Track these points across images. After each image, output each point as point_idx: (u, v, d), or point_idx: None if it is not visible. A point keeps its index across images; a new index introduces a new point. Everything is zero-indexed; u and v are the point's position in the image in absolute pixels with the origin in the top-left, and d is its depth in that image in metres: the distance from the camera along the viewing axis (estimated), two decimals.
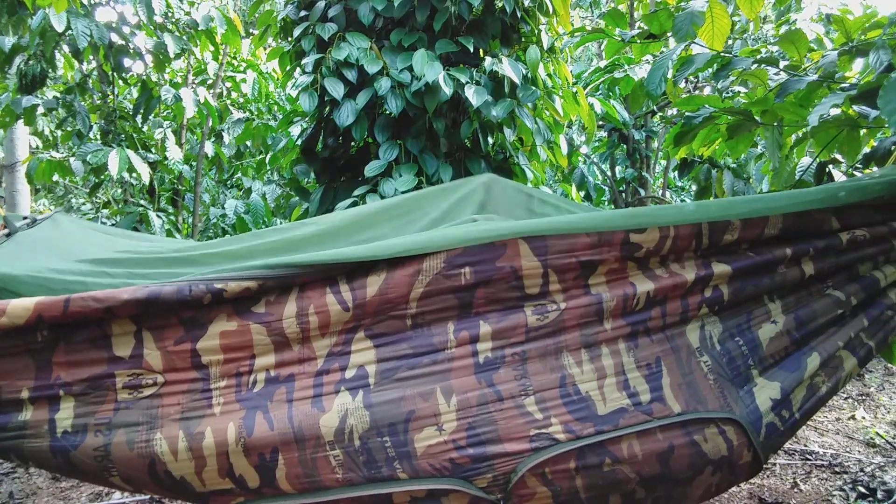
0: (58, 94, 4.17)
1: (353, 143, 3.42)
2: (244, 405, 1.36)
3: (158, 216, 4.08)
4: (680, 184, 7.17)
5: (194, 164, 4.88)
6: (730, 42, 4.43)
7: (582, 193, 4.94)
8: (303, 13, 3.25)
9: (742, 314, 1.55)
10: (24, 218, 1.86)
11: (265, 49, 5.57)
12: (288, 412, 1.36)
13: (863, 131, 2.18)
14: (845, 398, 4.05)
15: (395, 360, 1.41)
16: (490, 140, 3.35)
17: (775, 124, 2.27)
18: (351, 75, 2.98)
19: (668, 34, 2.36)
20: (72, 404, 1.34)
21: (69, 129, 4.39)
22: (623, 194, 5.23)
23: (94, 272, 1.62)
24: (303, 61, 3.13)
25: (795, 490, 2.81)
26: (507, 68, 2.87)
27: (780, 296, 1.58)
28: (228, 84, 5.34)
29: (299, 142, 3.52)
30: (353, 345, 1.41)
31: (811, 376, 1.54)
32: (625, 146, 5.07)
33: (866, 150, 2.29)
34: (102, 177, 4.08)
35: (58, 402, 1.34)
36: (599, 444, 1.40)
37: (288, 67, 3.56)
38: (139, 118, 4.28)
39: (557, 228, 1.43)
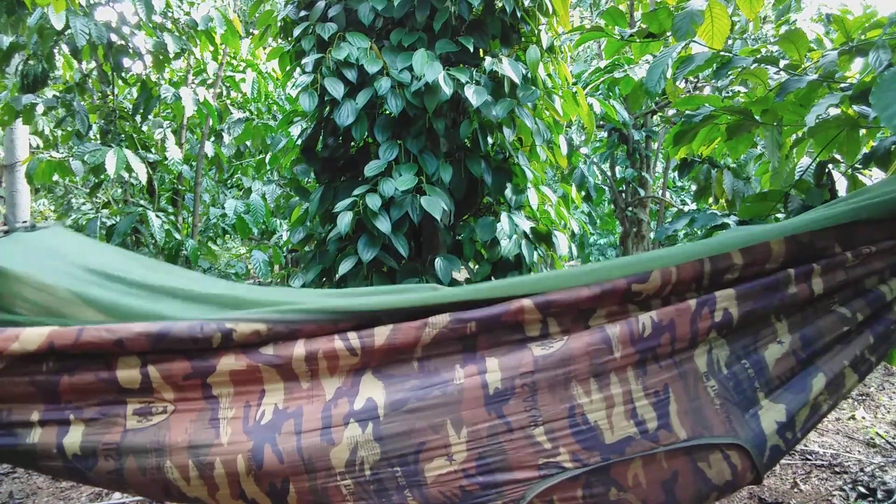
0: (57, 94, 4.17)
1: (353, 143, 3.42)
2: (252, 437, 1.37)
3: (158, 216, 4.08)
4: (680, 184, 7.18)
5: (194, 164, 4.88)
6: (730, 42, 4.43)
7: (582, 194, 4.94)
8: (303, 13, 3.25)
9: (749, 335, 1.52)
10: (24, 222, 1.86)
11: (265, 49, 5.57)
12: (297, 444, 1.37)
13: (862, 131, 2.18)
14: (845, 398, 4.05)
15: (404, 391, 1.42)
16: (490, 140, 3.35)
17: (775, 124, 2.27)
18: (351, 75, 2.98)
19: (668, 33, 2.36)
20: (81, 429, 1.36)
21: (69, 128, 4.39)
22: (623, 194, 5.23)
23: (85, 279, 1.59)
24: (303, 61, 3.13)
25: (795, 490, 2.81)
26: (507, 68, 2.87)
27: (787, 314, 1.55)
28: (228, 84, 5.34)
29: (299, 142, 3.52)
30: (362, 384, 1.44)
31: (816, 397, 1.52)
32: (625, 146, 5.07)
33: (866, 150, 2.29)
34: (102, 177, 4.08)
35: (67, 426, 1.36)
36: (605, 474, 1.41)
37: (288, 67, 3.56)
38: (138, 118, 4.29)
39: (559, 284, 1.46)
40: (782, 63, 2.29)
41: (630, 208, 5.11)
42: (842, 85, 2.04)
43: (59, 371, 1.35)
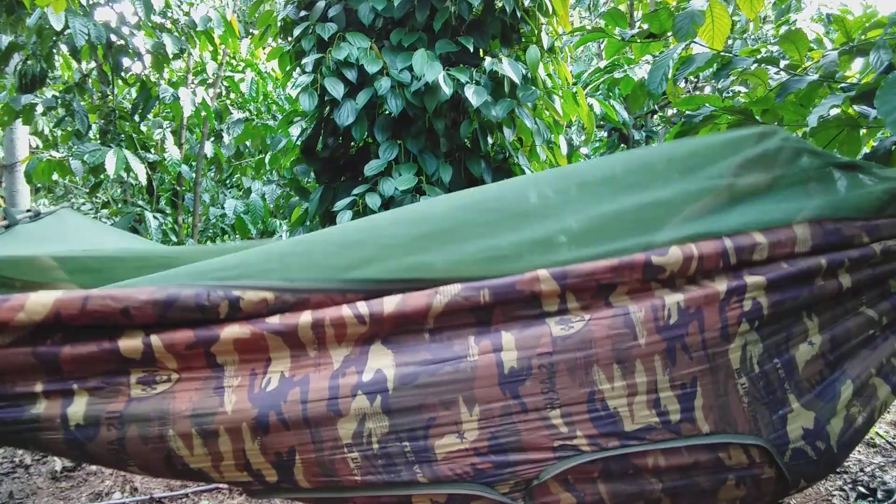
0: (57, 94, 4.17)
1: (353, 143, 3.42)
2: (257, 405, 1.33)
3: (155, 217, 4.08)
4: None
5: (194, 164, 4.88)
6: (730, 42, 4.43)
7: None
8: (303, 13, 3.25)
9: (782, 332, 1.47)
10: (27, 211, 1.83)
11: (264, 49, 5.57)
12: (303, 413, 1.33)
13: (863, 131, 2.18)
14: None
15: (415, 365, 1.37)
16: (490, 140, 3.34)
17: (775, 124, 2.27)
18: (351, 75, 2.97)
19: (669, 34, 2.36)
20: (85, 399, 1.33)
21: (68, 128, 4.39)
22: None
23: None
24: (303, 61, 3.13)
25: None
26: (507, 68, 2.87)
27: (818, 312, 1.50)
28: (227, 84, 5.34)
29: (299, 142, 3.52)
30: (371, 353, 1.39)
31: (846, 406, 1.48)
32: (625, 146, 5.07)
33: (866, 149, 2.29)
34: (102, 176, 4.08)
35: (71, 397, 1.33)
36: (624, 459, 1.39)
37: (288, 67, 3.56)
38: (137, 117, 4.29)
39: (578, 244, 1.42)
40: (782, 63, 2.29)
41: None
42: (842, 85, 2.04)
43: (62, 341, 1.31)
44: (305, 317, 1.36)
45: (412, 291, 1.38)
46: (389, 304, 1.37)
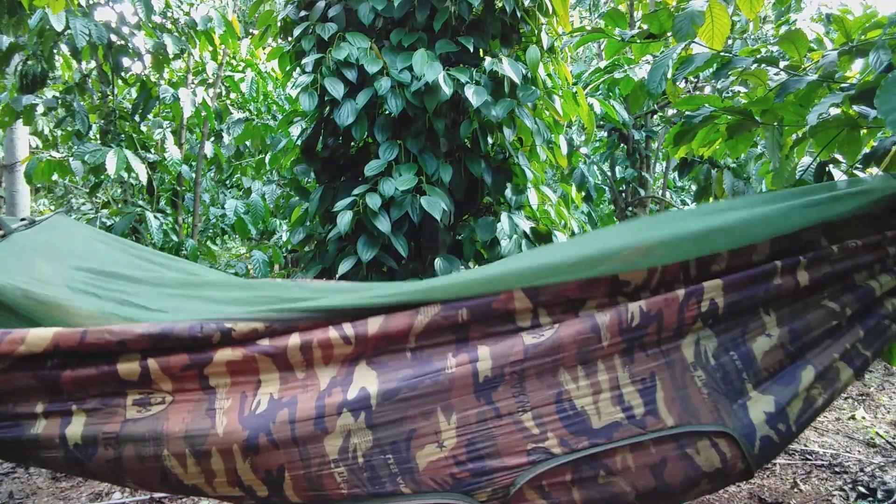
0: (57, 94, 4.17)
1: (353, 143, 3.42)
2: (247, 427, 1.40)
3: (156, 217, 4.08)
4: (680, 184, 7.18)
5: (194, 164, 4.88)
6: (730, 42, 4.44)
7: (582, 194, 4.94)
8: (303, 13, 3.25)
9: (737, 328, 1.55)
10: (22, 219, 1.84)
11: (264, 49, 5.57)
12: (291, 433, 1.40)
13: (863, 131, 2.18)
14: (845, 398, 4.05)
15: (397, 381, 1.44)
16: (490, 140, 3.34)
17: (775, 124, 2.27)
18: (351, 75, 2.98)
19: (668, 34, 2.36)
20: (83, 419, 1.40)
21: (69, 128, 4.40)
22: (623, 194, 5.23)
23: (82, 289, 1.63)
24: (303, 61, 3.13)
25: (795, 490, 2.81)
26: (507, 68, 2.87)
27: (776, 308, 1.57)
28: (227, 84, 5.34)
29: (299, 142, 3.52)
30: (356, 373, 1.46)
31: (807, 389, 1.54)
32: (625, 146, 5.07)
33: (866, 150, 2.29)
34: (102, 177, 4.09)
35: (70, 417, 1.40)
36: (594, 458, 1.44)
37: (288, 67, 3.56)
38: (137, 117, 4.29)
39: (550, 275, 1.50)
40: (782, 63, 2.29)
41: (630, 208, 5.11)
42: (842, 85, 2.04)
43: (62, 367, 1.38)
44: (294, 339, 1.45)
45: (395, 313, 1.47)
46: (373, 324, 1.46)
